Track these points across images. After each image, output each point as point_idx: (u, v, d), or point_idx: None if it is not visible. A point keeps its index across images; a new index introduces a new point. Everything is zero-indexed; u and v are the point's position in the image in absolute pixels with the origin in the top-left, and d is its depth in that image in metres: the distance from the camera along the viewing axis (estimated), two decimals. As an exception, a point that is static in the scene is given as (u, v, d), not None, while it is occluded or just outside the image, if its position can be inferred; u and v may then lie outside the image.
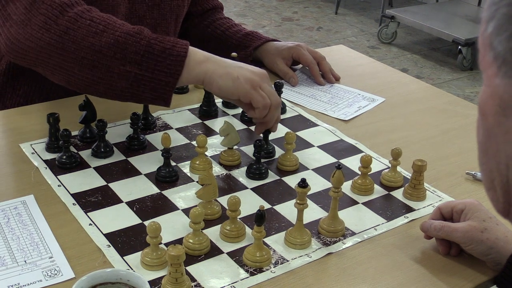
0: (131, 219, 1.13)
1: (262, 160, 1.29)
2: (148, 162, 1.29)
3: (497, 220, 1.05)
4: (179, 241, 1.06)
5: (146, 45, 1.25)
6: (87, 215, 1.13)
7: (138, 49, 1.24)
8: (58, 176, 1.23)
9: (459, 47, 4.49)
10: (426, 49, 4.92)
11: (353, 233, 1.14)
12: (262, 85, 1.27)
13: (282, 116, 1.51)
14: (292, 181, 1.26)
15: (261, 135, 1.34)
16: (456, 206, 1.10)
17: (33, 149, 1.31)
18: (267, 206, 1.18)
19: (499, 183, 0.65)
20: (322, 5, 5.84)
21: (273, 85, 1.37)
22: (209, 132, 1.43)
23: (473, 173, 1.31)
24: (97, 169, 1.26)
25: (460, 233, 1.05)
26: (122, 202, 1.17)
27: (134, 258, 1.03)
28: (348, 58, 1.93)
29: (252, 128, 1.45)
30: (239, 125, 1.46)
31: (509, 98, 0.60)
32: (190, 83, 1.34)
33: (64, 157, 1.25)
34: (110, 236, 1.08)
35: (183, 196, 1.20)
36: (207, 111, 1.50)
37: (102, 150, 1.29)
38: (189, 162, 1.29)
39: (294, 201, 1.08)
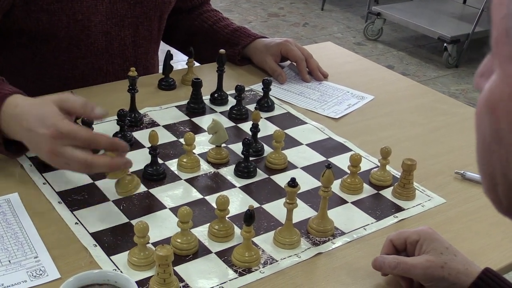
0: (118, 218, 1.11)
1: (251, 158, 1.28)
2: (135, 160, 1.27)
3: (455, 250, 1.00)
4: (166, 241, 1.05)
5: None
6: (73, 213, 1.11)
7: None
8: (43, 174, 1.20)
9: (445, 45, 4.49)
10: (412, 46, 4.93)
11: (342, 233, 1.13)
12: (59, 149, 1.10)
13: (271, 114, 1.50)
14: (280, 179, 1.25)
15: (250, 132, 1.33)
16: (410, 237, 1.02)
17: (18, 146, 1.29)
18: (255, 205, 1.17)
19: (504, 191, 0.60)
20: (308, 1, 5.83)
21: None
22: (197, 129, 1.41)
23: (462, 172, 1.31)
24: (83, 166, 1.24)
25: (420, 270, 0.97)
26: (108, 200, 1.15)
27: (121, 258, 1.02)
28: (335, 55, 1.92)
29: (240, 125, 1.44)
30: (227, 123, 1.45)
31: None
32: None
33: (50, 154, 1.23)
34: (96, 235, 1.06)
35: (171, 194, 1.18)
36: (194, 108, 1.48)
37: (88, 147, 1.27)
38: (177, 160, 1.27)
39: (283, 200, 1.07)
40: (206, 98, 1.52)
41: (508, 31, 0.55)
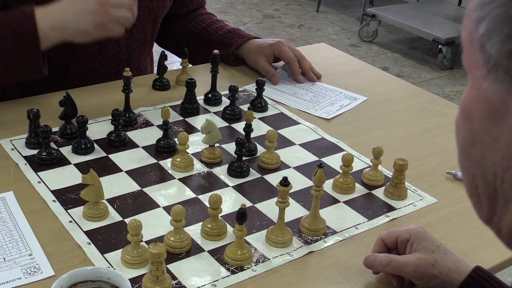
0: (111, 216, 1.12)
1: (244, 158, 1.29)
2: (129, 159, 1.29)
3: (445, 248, 1.01)
4: (160, 239, 1.06)
5: None
6: (67, 212, 1.12)
7: None
8: (38, 173, 1.21)
9: (440, 46, 4.51)
10: (407, 48, 4.94)
11: (334, 232, 1.14)
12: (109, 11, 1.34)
13: (264, 114, 1.52)
14: (273, 179, 1.26)
15: (243, 132, 1.34)
16: (401, 236, 1.03)
17: (13, 145, 1.29)
18: (248, 204, 1.18)
19: (484, 191, 0.61)
20: (303, 2, 5.84)
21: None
22: (191, 129, 1.42)
23: (453, 172, 1.32)
24: (77, 165, 1.25)
25: (411, 267, 0.98)
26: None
27: (115, 255, 1.02)
28: (329, 56, 1.93)
29: (234, 125, 1.45)
30: (220, 123, 1.46)
31: (499, 103, 0.56)
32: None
33: (44, 153, 1.24)
34: (90, 234, 1.07)
35: (164, 193, 1.19)
36: (188, 108, 1.49)
37: (83, 146, 1.28)
38: (171, 159, 1.28)
39: (275, 199, 1.08)
40: (200, 98, 1.53)
41: (472, 41, 0.58)
